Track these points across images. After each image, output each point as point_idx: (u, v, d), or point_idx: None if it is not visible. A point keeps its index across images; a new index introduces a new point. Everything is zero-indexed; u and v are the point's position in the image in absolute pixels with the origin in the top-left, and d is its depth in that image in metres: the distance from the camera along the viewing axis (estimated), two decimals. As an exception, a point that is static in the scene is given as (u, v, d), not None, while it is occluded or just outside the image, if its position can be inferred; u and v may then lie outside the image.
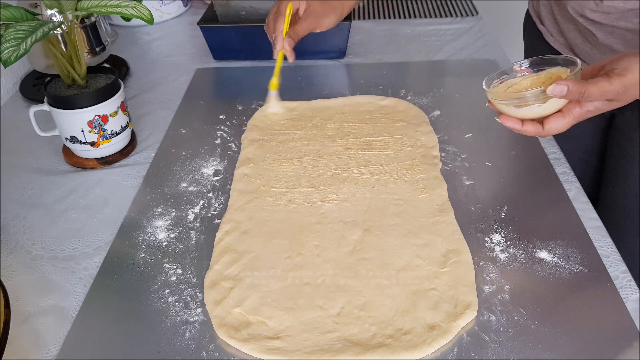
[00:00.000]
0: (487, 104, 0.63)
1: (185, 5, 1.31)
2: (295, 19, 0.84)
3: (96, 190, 0.75)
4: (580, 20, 0.76)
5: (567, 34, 0.82)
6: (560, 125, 0.58)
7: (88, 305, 0.58)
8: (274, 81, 0.86)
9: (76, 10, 0.71)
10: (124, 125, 0.80)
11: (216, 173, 0.77)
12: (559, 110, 0.58)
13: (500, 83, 0.64)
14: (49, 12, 0.90)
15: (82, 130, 0.75)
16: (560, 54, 0.63)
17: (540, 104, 0.57)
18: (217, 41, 1.06)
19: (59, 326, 0.57)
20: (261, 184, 0.73)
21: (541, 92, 0.56)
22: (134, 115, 0.90)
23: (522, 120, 0.60)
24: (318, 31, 0.85)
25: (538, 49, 0.91)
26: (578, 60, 0.58)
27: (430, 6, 1.29)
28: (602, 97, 0.56)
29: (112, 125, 0.77)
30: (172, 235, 0.66)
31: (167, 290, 0.59)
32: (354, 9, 1.28)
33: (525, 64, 0.63)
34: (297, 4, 0.83)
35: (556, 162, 0.76)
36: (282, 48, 0.82)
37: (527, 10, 0.97)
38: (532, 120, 0.59)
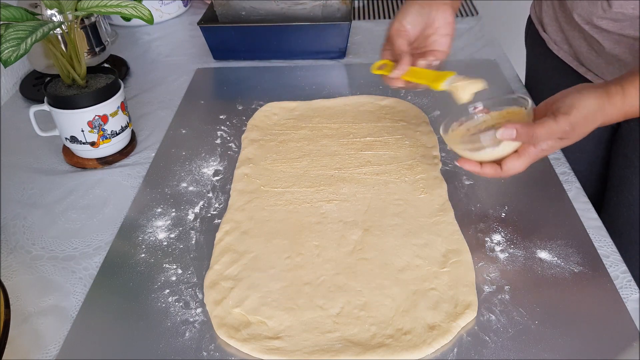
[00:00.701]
0: (449, 148, 0.64)
1: (185, 5, 1.31)
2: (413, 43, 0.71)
3: (96, 190, 0.75)
4: (586, 28, 0.74)
5: (572, 41, 0.79)
6: (517, 165, 0.60)
7: (88, 305, 0.58)
8: (435, 76, 0.67)
9: (76, 10, 0.71)
10: (124, 125, 0.80)
11: (216, 173, 0.77)
12: (515, 151, 0.60)
13: (460, 125, 0.65)
14: (49, 12, 0.90)
15: (82, 130, 0.75)
16: (515, 94, 0.63)
17: (494, 147, 0.59)
18: (217, 41, 1.06)
19: (59, 326, 0.57)
20: (261, 184, 0.73)
21: (494, 136, 0.58)
22: (134, 115, 0.90)
23: (481, 163, 0.61)
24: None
25: (541, 57, 0.89)
26: (529, 100, 0.60)
27: (430, 6, 1.29)
28: (551, 136, 0.57)
29: (112, 125, 0.77)
30: (172, 235, 0.66)
31: (167, 290, 0.59)
32: (353, 9, 1.28)
33: (479, 105, 0.65)
34: (400, 27, 0.70)
35: (556, 162, 0.76)
36: (406, 65, 0.67)
37: (529, 16, 0.95)
38: (491, 162, 0.61)
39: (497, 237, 0.64)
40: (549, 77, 0.89)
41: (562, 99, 0.57)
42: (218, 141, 0.83)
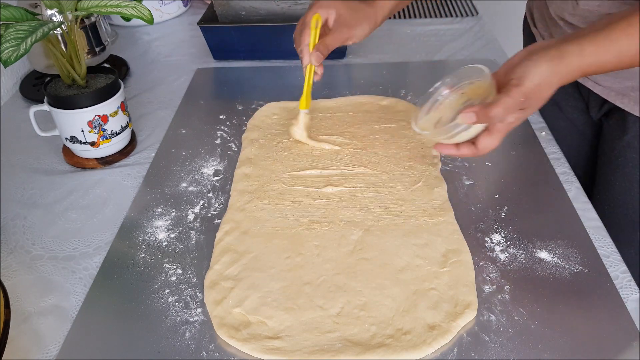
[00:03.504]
0: (418, 136, 0.66)
1: (185, 5, 1.31)
2: (325, 30, 0.75)
3: (96, 190, 0.75)
4: (561, 24, 0.75)
5: (555, 37, 0.79)
6: (490, 142, 0.60)
7: (88, 305, 0.58)
8: (304, 99, 0.76)
9: (76, 10, 0.71)
10: (124, 125, 0.80)
11: (216, 173, 0.77)
12: (486, 129, 0.60)
13: (428, 112, 0.67)
14: (49, 12, 0.90)
15: (82, 130, 0.75)
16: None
17: (467, 129, 0.59)
18: (217, 41, 1.06)
19: (59, 326, 0.57)
20: (261, 184, 0.73)
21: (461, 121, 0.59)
22: (134, 115, 0.90)
23: (458, 145, 0.62)
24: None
25: None
26: (486, 71, 0.59)
27: (430, 6, 1.29)
28: (508, 112, 0.56)
29: (112, 125, 0.77)
30: (172, 235, 0.66)
31: (167, 290, 0.59)
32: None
33: (440, 86, 0.67)
34: (325, 14, 0.73)
35: (556, 162, 0.76)
36: (309, 62, 0.73)
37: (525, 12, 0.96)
38: (467, 142, 0.61)
39: (497, 237, 0.64)
40: None
41: (514, 69, 0.56)
42: (218, 141, 0.83)
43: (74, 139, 0.77)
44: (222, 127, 0.87)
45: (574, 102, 0.86)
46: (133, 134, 0.85)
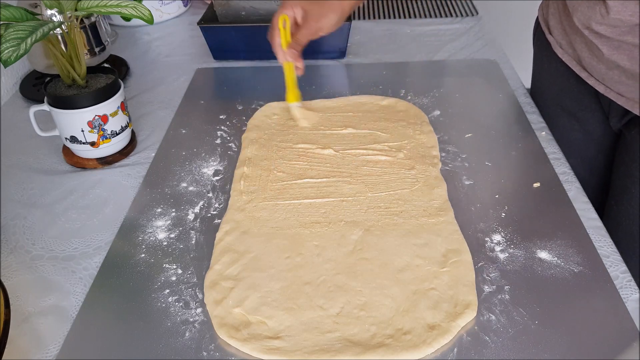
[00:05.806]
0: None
1: (185, 5, 1.31)
2: (295, 28, 0.81)
3: (96, 190, 0.75)
4: (586, 33, 0.73)
5: (575, 45, 0.78)
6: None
7: (88, 305, 0.58)
8: (290, 94, 0.84)
9: (76, 10, 0.71)
10: (124, 125, 0.80)
11: (216, 173, 0.77)
12: None
13: None
14: (49, 12, 0.90)
15: (82, 130, 0.75)
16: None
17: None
18: (217, 41, 1.07)
19: (59, 326, 0.57)
20: (261, 184, 0.73)
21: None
22: (134, 115, 0.90)
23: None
24: (321, 34, 0.81)
25: (546, 60, 0.89)
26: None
27: (430, 6, 1.29)
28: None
29: (112, 125, 0.77)
30: (172, 235, 0.66)
31: (167, 290, 0.59)
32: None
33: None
34: (290, 13, 0.79)
35: (556, 162, 0.76)
36: (285, 60, 0.81)
37: (537, 17, 0.93)
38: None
39: (497, 237, 0.64)
40: (553, 80, 0.88)
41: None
42: (218, 141, 0.83)
43: (74, 139, 0.77)
44: (222, 127, 0.87)
45: (593, 113, 0.83)
46: (133, 134, 0.85)
